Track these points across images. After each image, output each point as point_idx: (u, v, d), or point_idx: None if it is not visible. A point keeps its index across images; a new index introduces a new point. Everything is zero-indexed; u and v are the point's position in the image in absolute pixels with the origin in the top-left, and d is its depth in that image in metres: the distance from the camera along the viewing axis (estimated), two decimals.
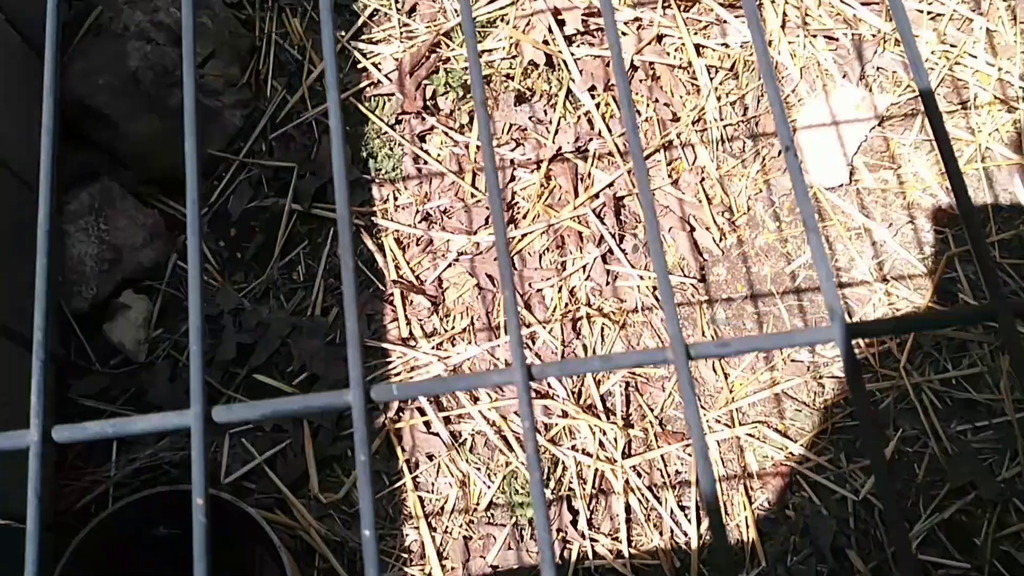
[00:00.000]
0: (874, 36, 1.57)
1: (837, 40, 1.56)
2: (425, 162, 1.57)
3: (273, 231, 1.57)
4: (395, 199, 1.57)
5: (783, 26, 1.56)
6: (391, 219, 1.56)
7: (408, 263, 1.54)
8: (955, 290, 1.47)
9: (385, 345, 1.50)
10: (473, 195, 1.56)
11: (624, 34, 1.60)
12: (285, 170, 1.58)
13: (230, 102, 1.55)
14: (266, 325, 1.51)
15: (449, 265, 1.53)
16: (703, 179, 1.56)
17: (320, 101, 1.59)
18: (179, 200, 1.58)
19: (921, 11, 1.58)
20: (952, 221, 1.49)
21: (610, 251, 1.54)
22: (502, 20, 1.60)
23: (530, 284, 1.53)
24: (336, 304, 1.55)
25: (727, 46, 1.57)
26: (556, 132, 1.57)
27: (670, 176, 1.56)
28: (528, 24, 1.60)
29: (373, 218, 1.56)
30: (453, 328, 1.51)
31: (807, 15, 1.57)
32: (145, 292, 1.51)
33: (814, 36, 1.55)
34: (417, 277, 1.54)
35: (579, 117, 1.58)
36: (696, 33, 1.59)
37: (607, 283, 1.53)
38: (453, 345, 1.50)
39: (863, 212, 1.51)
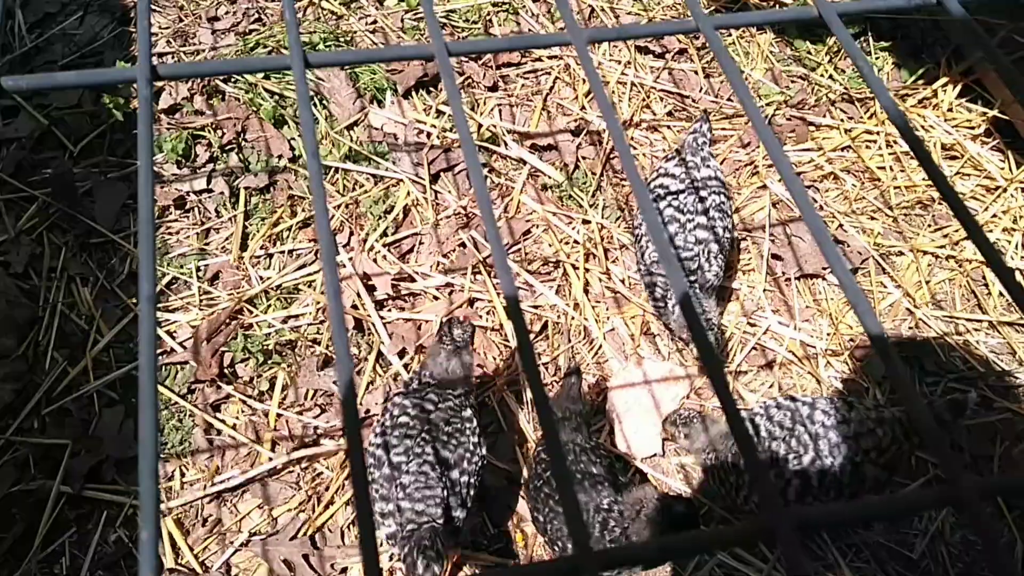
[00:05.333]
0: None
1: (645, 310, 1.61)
2: (218, 432, 1.45)
3: (36, 518, 1.37)
4: (182, 475, 1.41)
5: (586, 291, 1.61)
6: (176, 496, 1.39)
7: (191, 548, 1.35)
8: None
9: None
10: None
11: (436, 298, 1.60)
12: (57, 448, 1.41)
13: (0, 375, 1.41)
14: None
15: (239, 548, 1.36)
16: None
17: (105, 372, 1.47)
18: None
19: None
20: None
21: None
22: (308, 286, 1.58)
23: (332, 565, 1.36)
24: None
25: (537, 307, 1.59)
26: (365, 394, 1.50)
27: None
28: None
29: None
30: None
31: (609, 284, 1.63)
32: None
33: (620, 308, 1.60)
34: (202, 564, 1.35)
35: (388, 380, 1.52)
36: None
37: None
38: None
39: (678, 475, 1.47)
